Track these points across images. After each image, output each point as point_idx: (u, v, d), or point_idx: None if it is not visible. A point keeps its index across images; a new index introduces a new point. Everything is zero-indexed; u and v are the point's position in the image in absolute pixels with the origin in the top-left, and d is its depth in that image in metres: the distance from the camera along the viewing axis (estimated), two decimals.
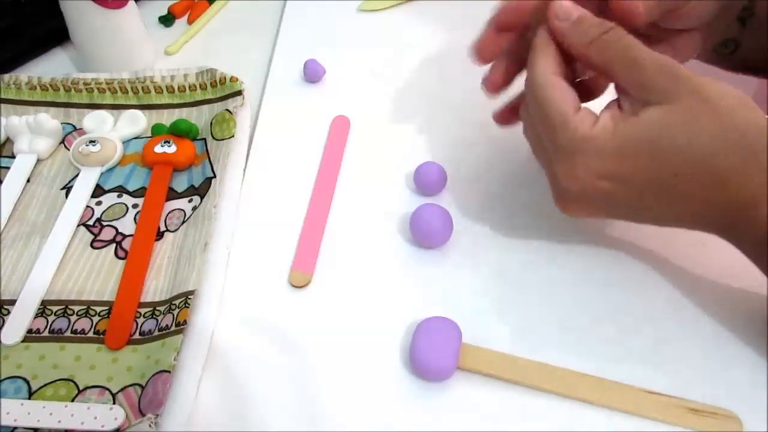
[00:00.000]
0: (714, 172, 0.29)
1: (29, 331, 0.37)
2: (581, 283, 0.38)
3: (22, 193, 0.44)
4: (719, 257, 0.38)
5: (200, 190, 0.43)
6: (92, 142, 0.46)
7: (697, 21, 0.36)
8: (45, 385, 0.34)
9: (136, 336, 0.36)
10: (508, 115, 0.40)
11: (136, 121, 0.48)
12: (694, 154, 0.29)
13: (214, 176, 0.43)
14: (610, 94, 0.35)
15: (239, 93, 0.48)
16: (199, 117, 0.49)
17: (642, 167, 0.30)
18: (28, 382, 0.35)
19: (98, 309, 0.38)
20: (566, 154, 0.31)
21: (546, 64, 0.33)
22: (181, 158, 0.45)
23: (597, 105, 0.33)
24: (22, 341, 0.36)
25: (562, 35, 0.32)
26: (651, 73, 0.30)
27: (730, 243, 0.33)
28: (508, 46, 0.37)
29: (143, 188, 0.44)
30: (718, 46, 0.40)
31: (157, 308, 0.37)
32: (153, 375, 0.33)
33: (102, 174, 0.45)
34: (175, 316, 0.36)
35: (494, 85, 0.38)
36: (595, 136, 0.30)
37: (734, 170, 0.29)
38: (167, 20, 0.59)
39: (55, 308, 0.38)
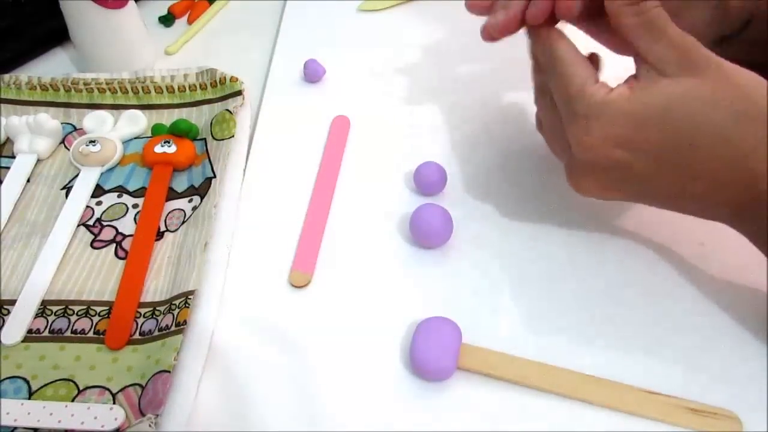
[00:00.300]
0: (733, 147, 0.29)
1: (29, 331, 0.37)
2: (581, 283, 0.38)
3: (22, 193, 0.44)
4: (719, 257, 0.38)
5: (200, 190, 0.43)
6: (92, 142, 0.46)
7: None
8: (45, 385, 0.34)
9: (136, 336, 0.36)
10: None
11: (136, 121, 0.48)
12: (713, 127, 0.29)
13: (214, 176, 0.43)
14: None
15: (239, 93, 0.48)
16: (199, 117, 0.49)
17: (658, 136, 0.30)
18: (28, 382, 0.35)
19: (98, 309, 0.38)
20: (582, 119, 0.31)
21: (566, 42, 0.33)
22: (181, 158, 0.45)
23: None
24: (22, 341, 0.36)
25: None
26: (675, 46, 0.30)
27: (740, 230, 0.32)
28: None
29: (143, 188, 0.44)
30: (716, 40, 0.40)
31: (157, 308, 0.37)
32: (153, 375, 0.33)
33: (102, 174, 0.45)
34: (175, 316, 0.36)
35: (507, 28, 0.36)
36: (612, 101, 0.30)
37: (753, 146, 0.29)
38: (167, 20, 0.59)
39: (55, 308, 0.38)
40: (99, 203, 0.44)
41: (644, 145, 0.30)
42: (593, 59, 0.34)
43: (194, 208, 0.42)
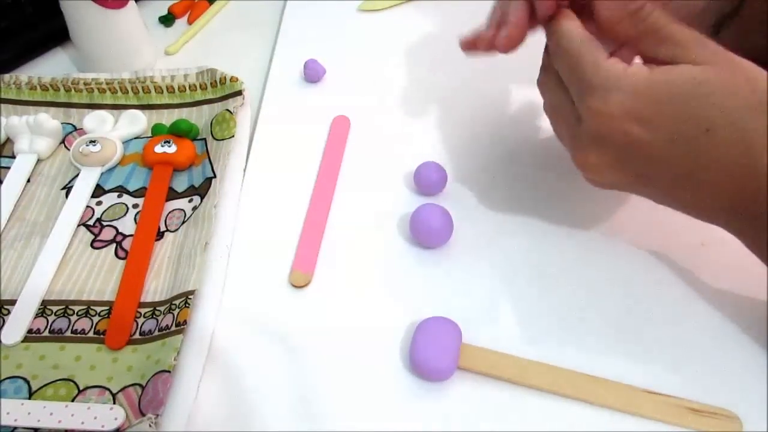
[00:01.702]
0: (746, 137, 0.29)
1: (29, 331, 0.37)
2: (581, 284, 0.38)
3: (22, 193, 0.44)
4: (719, 257, 0.38)
5: (200, 190, 0.43)
6: (92, 142, 0.46)
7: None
8: (45, 385, 0.34)
9: (137, 336, 0.36)
10: (473, 43, 0.39)
11: (136, 121, 0.48)
12: (728, 114, 0.29)
13: (215, 176, 0.43)
14: None
15: (239, 93, 0.48)
16: (199, 117, 0.49)
17: (677, 116, 0.30)
18: (28, 382, 0.35)
19: (98, 309, 0.38)
20: (600, 90, 0.31)
21: (574, 23, 0.33)
22: (181, 158, 0.45)
23: None
24: (23, 341, 0.36)
25: (593, 11, 0.32)
26: (684, 44, 0.30)
27: (734, 230, 0.32)
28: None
29: (143, 188, 0.44)
30: (713, 27, 0.39)
31: (158, 308, 0.37)
32: (153, 375, 0.33)
33: (102, 174, 0.45)
34: (176, 316, 0.36)
35: (511, 40, 0.36)
36: (632, 74, 0.30)
37: (759, 134, 0.29)
38: (167, 20, 0.59)
39: (55, 308, 0.38)
40: (99, 203, 0.44)
41: (662, 123, 0.30)
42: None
43: (194, 208, 0.42)
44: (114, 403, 0.34)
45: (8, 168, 0.45)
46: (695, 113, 0.29)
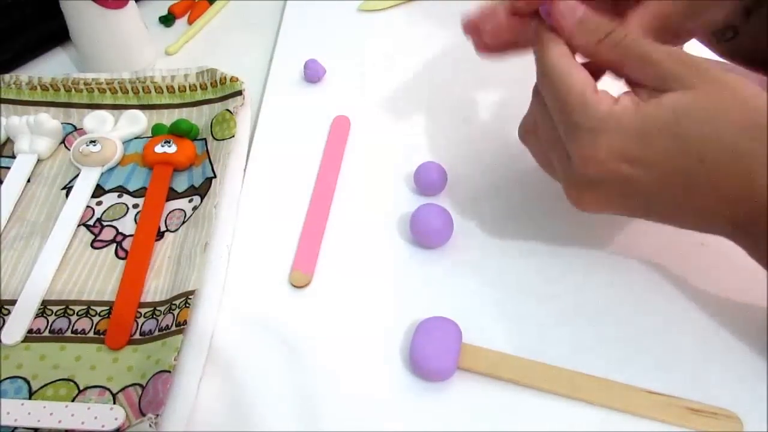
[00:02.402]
0: (741, 161, 0.28)
1: (29, 331, 0.37)
2: (581, 283, 0.38)
3: (22, 193, 0.44)
4: (720, 258, 0.38)
5: (200, 190, 0.43)
6: (92, 142, 0.46)
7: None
8: (45, 385, 0.34)
9: (137, 336, 0.36)
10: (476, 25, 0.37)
11: (137, 121, 0.48)
12: (722, 140, 0.28)
13: (215, 176, 0.43)
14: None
15: (239, 93, 0.48)
16: (199, 117, 0.49)
17: (668, 150, 0.29)
18: (28, 382, 0.35)
19: (98, 309, 0.38)
20: (587, 133, 0.30)
21: (560, 48, 0.32)
22: (181, 158, 0.45)
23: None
24: (23, 341, 0.36)
25: (568, 35, 0.32)
26: (667, 65, 0.29)
27: (739, 244, 0.32)
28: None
29: (143, 188, 0.44)
30: (717, 31, 0.39)
31: (158, 308, 0.37)
32: (153, 375, 0.33)
33: (102, 174, 0.45)
34: (176, 316, 0.36)
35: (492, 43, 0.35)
36: (618, 114, 0.29)
37: (759, 159, 0.28)
38: (167, 20, 0.59)
39: (55, 308, 0.38)
40: (99, 203, 0.44)
41: (653, 159, 0.29)
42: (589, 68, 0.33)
43: (194, 208, 0.42)
44: (114, 403, 0.34)
45: (8, 168, 0.45)
46: (686, 144, 0.29)
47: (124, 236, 0.42)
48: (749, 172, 0.29)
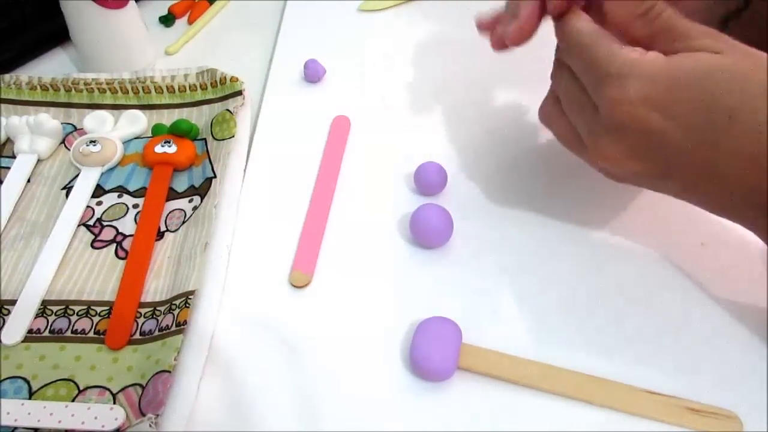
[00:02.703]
0: (762, 122, 0.28)
1: (29, 331, 0.37)
2: (581, 283, 0.38)
3: (22, 193, 0.44)
4: (719, 258, 0.38)
5: (200, 190, 0.43)
6: (92, 142, 0.46)
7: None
8: (45, 385, 0.34)
9: (137, 336, 0.36)
10: (489, 25, 0.38)
11: (137, 121, 0.48)
12: (751, 101, 0.28)
13: (215, 176, 0.43)
14: None
15: (239, 93, 0.48)
16: (199, 117, 0.49)
17: (695, 101, 0.29)
18: (28, 382, 0.35)
19: (98, 309, 0.38)
20: (617, 78, 0.30)
21: (583, 18, 0.32)
22: (181, 158, 0.45)
23: None
24: (23, 341, 0.36)
25: (606, 8, 0.32)
26: (698, 38, 0.30)
27: (760, 231, 0.31)
28: None
29: (143, 188, 0.44)
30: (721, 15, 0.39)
31: (158, 308, 0.37)
32: (153, 375, 0.33)
33: (102, 174, 0.45)
34: (176, 316, 0.36)
35: (521, 34, 0.35)
36: (649, 61, 0.30)
37: None
38: (167, 20, 0.59)
39: (55, 308, 0.38)
40: (99, 203, 0.44)
41: (682, 111, 0.29)
42: None
43: (194, 208, 0.42)
44: (114, 403, 0.34)
45: (8, 168, 0.45)
46: (715, 100, 0.29)
47: (124, 236, 0.42)
48: None
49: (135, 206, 0.43)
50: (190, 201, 0.43)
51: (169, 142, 0.45)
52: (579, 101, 0.33)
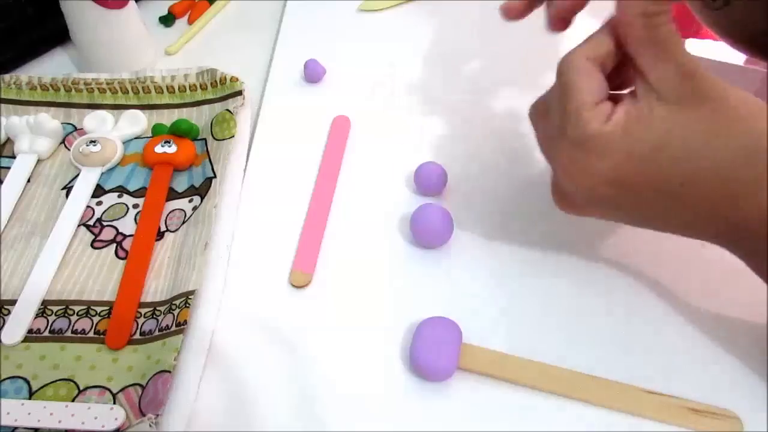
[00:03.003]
0: (726, 186, 0.28)
1: (30, 331, 0.37)
2: (581, 283, 0.38)
3: (22, 193, 0.44)
4: (719, 258, 0.38)
5: (200, 190, 0.43)
6: (93, 142, 0.46)
7: None
8: (45, 385, 0.34)
9: (137, 336, 0.36)
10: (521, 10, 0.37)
11: (137, 121, 0.48)
12: (709, 165, 0.28)
13: (215, 176, 0.43)
14: None
15: (239, 93, 0.48)
16: (199, 117, 0.49)
17: (649, 174, 0.29)
18: (28, 382, 0.35)
19: (99, 309, 0.38)
20: (571, 149, 0.30)
21: (585, 46, 0.31)
22: (181, 158, 0.45)
23: None
24: (23, 341, 0.36)
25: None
26: (680, 70, 0.28)
27: (736, 255, 0.32)
28: None
29: (144, 188, 0.44)
30: None
31: (158, 308, 0.37)
32: (153, 375, 0.33)
33: (102, 174, 0.45)
34: (176, 316, 0.36)
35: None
36: (605, 135, 0.29)
37: (747, 183, 0.28)
38: (167, 20, 0.59)
39: (55, 308, 0.38)
40: (99, 203, 0.44)
41: (632, 183, 0.29)
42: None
43: (194, 208, 0.43)
44: (114, 403, 0.34)
45: (8, 168, 0.45)
46: (670, 169, 0.29)
47: (124, 236, 0.42)
48: (732, 194, 0.28)
49: (135, 206, 0.43)
50: (190, 201, 0.43)
51: (169, 142, 0.45)
52: (549, 143, 0.33)
